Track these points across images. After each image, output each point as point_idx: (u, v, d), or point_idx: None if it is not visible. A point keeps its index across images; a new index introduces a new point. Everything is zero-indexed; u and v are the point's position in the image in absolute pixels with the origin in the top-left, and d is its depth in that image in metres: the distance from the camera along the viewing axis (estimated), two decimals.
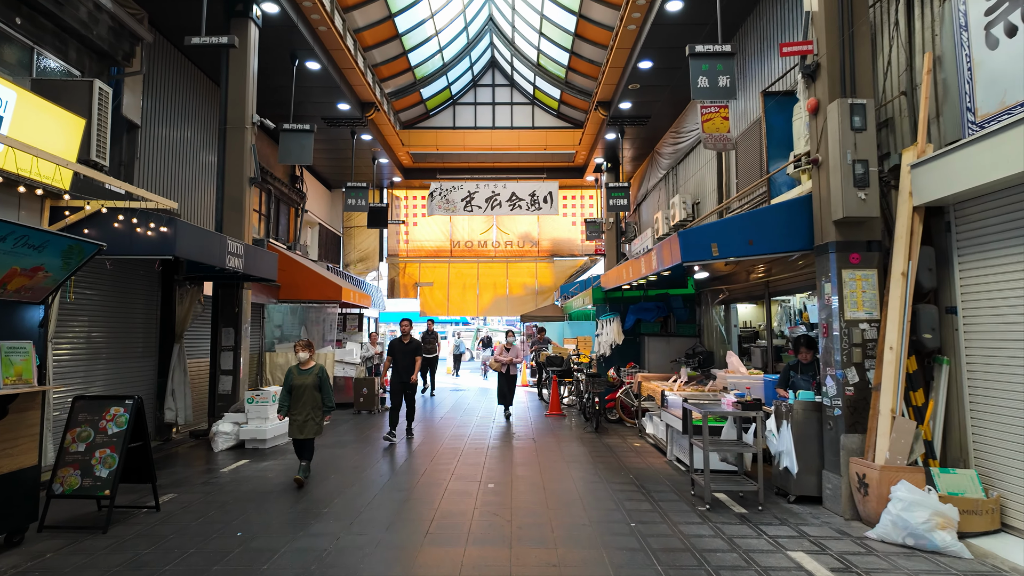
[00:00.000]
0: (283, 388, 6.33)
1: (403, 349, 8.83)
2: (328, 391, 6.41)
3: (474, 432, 9.36)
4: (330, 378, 6.64)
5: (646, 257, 7.40)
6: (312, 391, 6.31)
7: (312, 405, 6.30)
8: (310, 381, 6.33)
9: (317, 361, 6.56)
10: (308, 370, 6.40)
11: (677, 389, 7.55)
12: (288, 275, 12.35)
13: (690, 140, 12.51)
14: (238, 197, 9.13)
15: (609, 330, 10.30)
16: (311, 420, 6.27)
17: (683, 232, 5.95)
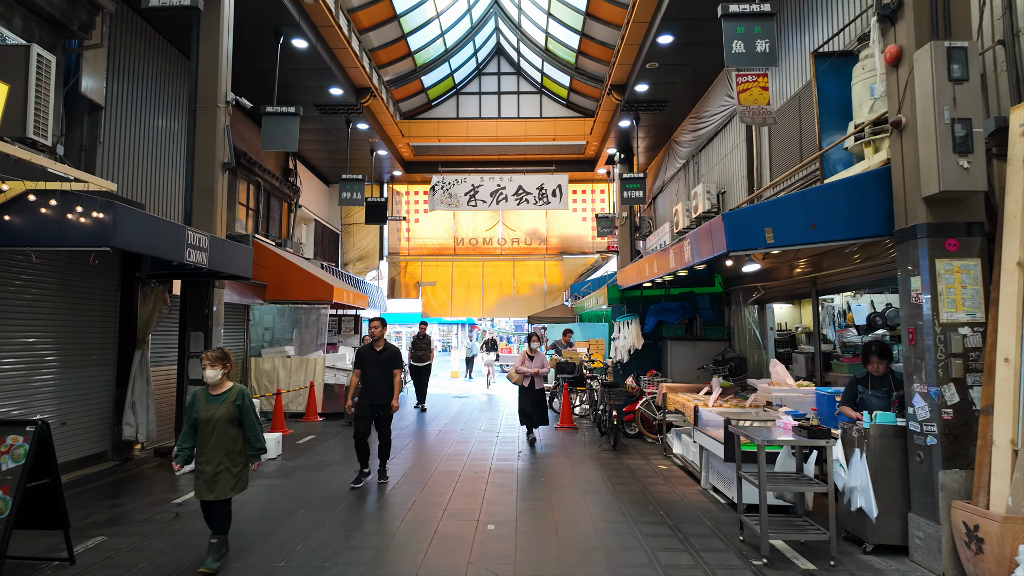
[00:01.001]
0: (186, 423, 4.19)
1: (375, 359, 6.46)
2: (253, 425, 4.23)
3: (475, 451, 8.18)
4: (319, 383, 5.42)
5: (676, 248, 6.20)
6: (226, 427, 4.12)
7: (227, 448, 4.12)
8: (223, 412, 4.12)
9: (237, 383, 4.39)
10: (221, 396, 4.19)
11: (713, 405, 6.34)
12: (276, 274, 11.26)
13: (713, 124, 11.29)
14: (208, 185, 8.02)
15: (627, 333, 9.10)
16: (225, 471, 4.08)
17: (731, 214, 4.75)
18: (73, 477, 6.54)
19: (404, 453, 8.00)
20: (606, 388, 8.52)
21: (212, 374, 4.19)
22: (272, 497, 5.91)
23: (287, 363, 11.10)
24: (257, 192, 13.07)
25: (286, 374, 11.08)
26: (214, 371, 4.19)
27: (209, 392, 4.22)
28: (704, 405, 6.30)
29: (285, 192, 14.29)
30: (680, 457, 7.16)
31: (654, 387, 8.59)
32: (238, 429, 4.20)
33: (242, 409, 4.20)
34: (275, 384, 11.02)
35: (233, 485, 4.14)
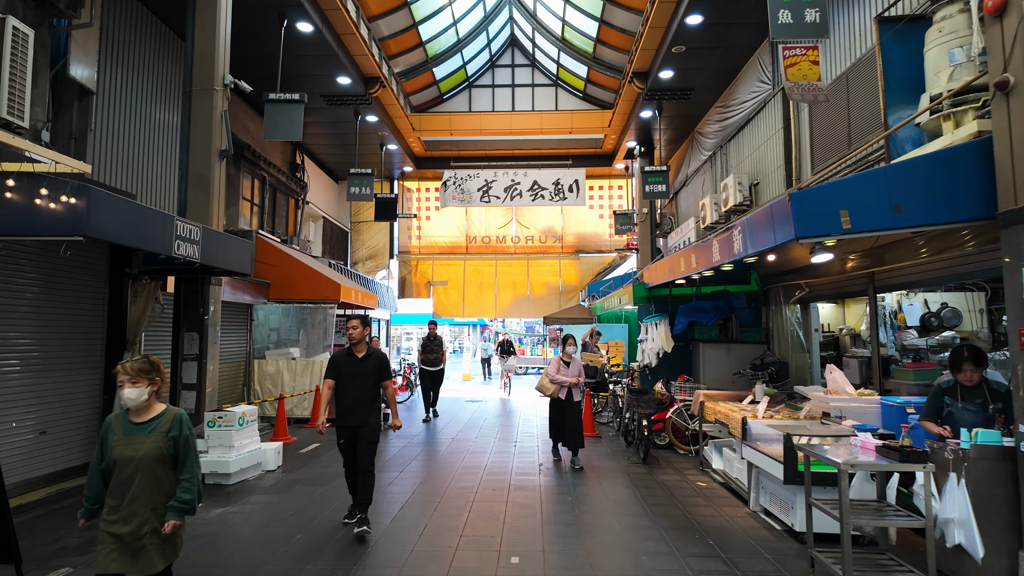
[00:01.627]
0: (93, 462, 2.86)
1: (354, 369, 4.94)
2: (192, 468, 2.87)
3: (492, 463, 7.47)
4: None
5: (722, 239, 5.45)
6: (154, 469, 2.79)
7: (156, 501, 2.80)
8: (149, 449, 2.78)
9: (172, 406, 2.98)
10: (147, 425, 2.83)
11: (763, 416, 5.57)
12: (281, 271, 10.63)
13: (744, 112, 10.52)
14: (204, 174, 7.38)
15: (655, 335, 8.35)
16: (151, 535, 2.78)
17: (800, 194, 3.99)
18: (51, 492, 5.91)
19: (414, 466, 7.30)
20: (633, 395, 7.78)
21: (133, 394, 2.78)
22: (266, 519, 5.24)
23: (292, 365, 10.46)
24: (262, 187, 12.46)
25: (290, 377, 10.43)
26: (135, 389, 2.79)
27: (130, 419, 2.83)
28: (752, 416, 5.55)
29: (292, 188, 13.67)
30: (721, 473, 6.39)
31: (686, 394, 7.84)
32: (172, 471, 2.85)
33: (179, 444, 2.83)
34: (279, 388, 10.38)
35: (164, 552, 2.81)
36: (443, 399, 14.17)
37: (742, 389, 8.03)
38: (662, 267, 7.93)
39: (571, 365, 7.32)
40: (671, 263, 7.30)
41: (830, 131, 7.68)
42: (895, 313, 7.50)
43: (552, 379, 7.29)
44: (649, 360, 8.48)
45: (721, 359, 8.28)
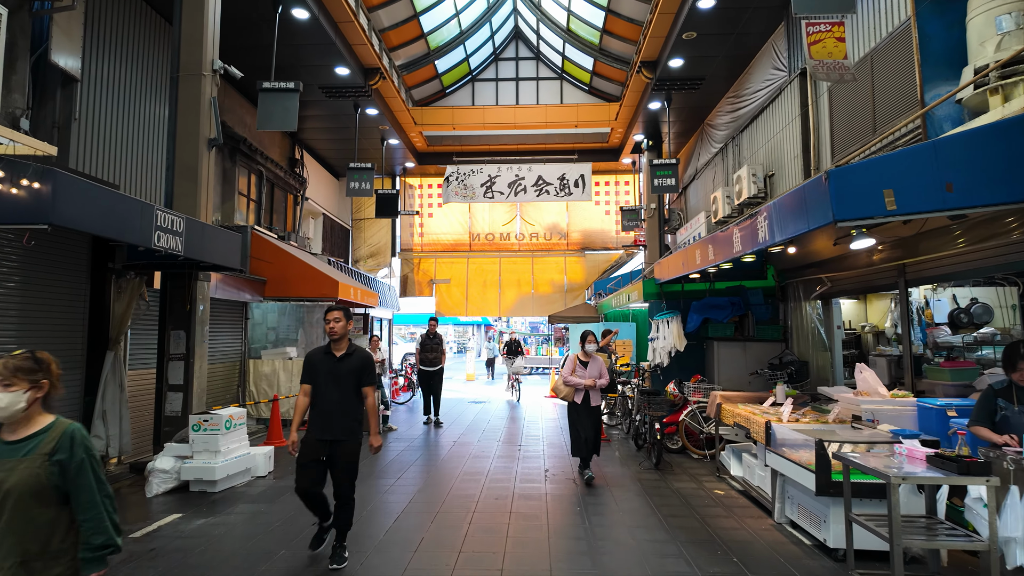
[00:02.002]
0: None
1: (333, 370, 4.09)
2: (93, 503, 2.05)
3: (495, 469, 7.04)
4: None
5: (745, 226, 4.99)
6: (27, 505, 2.00)
7: (28, 547, 2.00)
8: (22, 477, 1.99)
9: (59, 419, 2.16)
10: (22, 445, 2.05)
11: (788, 419, 5.12)
12: (277, 268, 10.23)
13: (758, 101, 10.06)
14: (192, 164, 6.98)
15: (667, 333, 7.89)
16: None
17: (839, 172, 3.54)
18: None
19: (413, 472, 6.87)
20: (645, 396, 7.33)
21: (2, 401, 2.03)
22: (251, 531, 4.82)
23: (288, 366, 10.05)
24: (259, 182, 12.07)
25: (287, 377, 10.03)
26: (6, 395, 2.04)
27: (1, 438, 2.08)
28: (777, 420, 5.09)
29: (290, 183, 13.29)
30: (741, 481, 5.94)
31: (700, 395, 7.39)
32: (55, 509, 2.04)
33: (68, 471, 2.04)
34: (275, 388, 9.98)
35: None
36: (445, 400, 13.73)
37: (759, 390, 7.58)
38: (675, 261, 7.47)
39: (589, 365, 6.38)
40: (685, 256, 6.84)
41: (853, 116, 7.21)
42: (922, 309, 7.04)
43: (566, 380, 6.38)
44: (660, 359, 8.02)
45: (737, 358, 7.82)
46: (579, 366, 6.40)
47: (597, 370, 6.38)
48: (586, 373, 6.35)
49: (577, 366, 6.42)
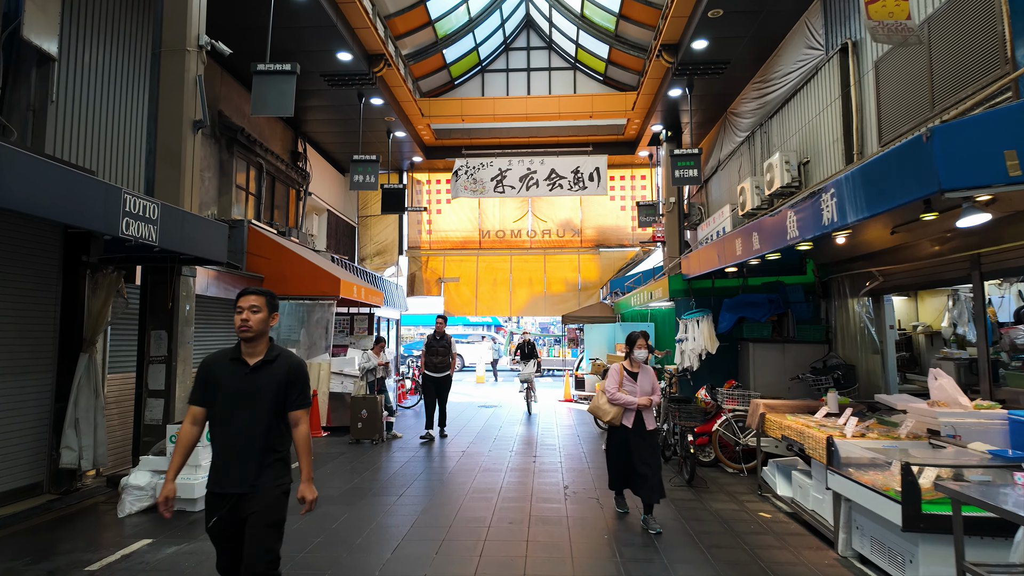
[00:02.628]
0: None
1: (244, 387, 2.73)
2: None
3: (508, 485, 6.32)
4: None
5: (804, 206, 4.22)
6: None
7: None
8: None
9: None
10: None
11: (852, 435, 4.35)
12: (275, 265, 9.59)
13: (789, 84, 9.27)
14: (174, 148, 6.33)
15: (696, 334, 7.13)
16: None
17: (946, 128, 2.79)
18: None
19: (416, 488, 6.16)
20: (674, 404, 6.57)
21: None
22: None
23: None
24: (259, 175, 11.45)
25: None
26: None
27: None
28: (839, 435, 4.32)
29: (292, 177, 12.66)
30: (789, 502, 5.17)
31: (736, 402, 6.62)
32: None
33: None
34: None
35: None
36: (453, 403, 13.02)
37: (800, 396, 6.81)
38: (707, 254, 6.71)
39: (640, 377, 4.97)
40: (721, 247, 6.08)
41: (905, 92, 6.41)
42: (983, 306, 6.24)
43: (612, 398, 4.91)
44: (690, 363, 7.25)
45: (775, 361, 7.04)
46: (627, 379, 4.97)
47: (650, 384, 4.98)
48: (637, 388, 4.92)
49: (624, 379, 4.98)
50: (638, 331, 5.05)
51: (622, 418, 4.94)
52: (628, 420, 4.92)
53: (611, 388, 4.96)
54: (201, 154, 10.15)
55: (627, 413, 4.92)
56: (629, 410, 4.91)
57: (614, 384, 4.96)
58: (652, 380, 5.02)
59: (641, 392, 4.93)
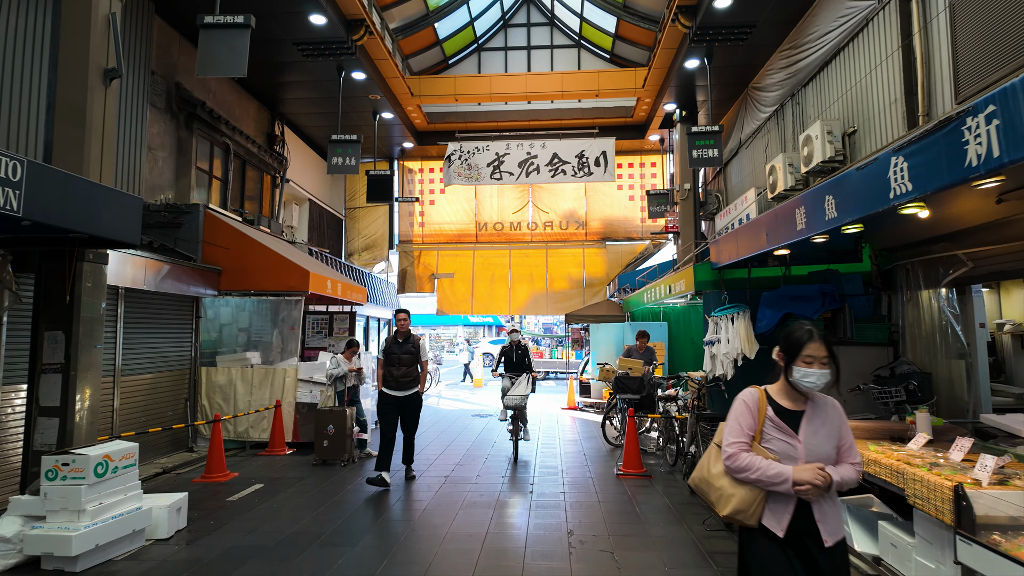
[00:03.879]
0: None
1: None
2: None
3: (497, 525, 4.96)
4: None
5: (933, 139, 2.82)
6: None
7: None
8: None
9: None
10: None
11: (990, 482, 2.95)
12: (236, 256, 8.27)
13: (828, 46, 7.87)
14: (78, 103, 4.99)
15: (731, 334, 5.73)
16: None
17: None
18: None
19: (378, 532, 4.80)
20: (706, 422, 5.18)
21: None
22: None
23: (247, 375, 8.05)
24: (226, 157, 10.11)
25: (246, 389, 8.02)
26: None
27: None
28: (971, 483, 2.93)
29: (267, 162, 11.32)
30: (872, 561, 3.76)
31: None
32: None
33: None
34: (232, 403, 7.98)
35: None
36: (442, 412, 11.69)
37: (861, 412, 5.41)
38: (748, 234, 5.30)
39: (806, 418, 2.25)
40: (771, 222, 4.67)
41: (996, 33, 5.01)
42: None
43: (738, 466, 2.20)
44: (723, 370, 5.85)
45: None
46: (773, 425, 2.24)
47: (835, 435, 2.25)
48: (800, 446, 2.20)
49: (768, 425, 2.24)
50: (805, 325, 2.30)
51: (763, 510, 2.20)
52: (780, 518, 2.18)
53: (736, 442, 2.23)
54: (157, 130, 8.86)
55: (778, 503, 2.19)
56: (780, 497, 2.18)
57: (742, 435, 2.23)
58: (840, 428, 2.27)
59: (809, 455, 2.19)
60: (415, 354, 6.12)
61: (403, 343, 6.15)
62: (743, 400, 2.31)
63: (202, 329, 8.26)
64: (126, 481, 4.31)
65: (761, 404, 2.27)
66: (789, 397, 2.27)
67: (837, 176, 3.57)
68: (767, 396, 2.30)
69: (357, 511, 5.22)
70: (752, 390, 2.34)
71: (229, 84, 10.38)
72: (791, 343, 2.25)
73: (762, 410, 2.26)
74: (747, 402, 2.29)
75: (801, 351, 2.19)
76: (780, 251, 4.82)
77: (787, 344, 2.26)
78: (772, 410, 2.26)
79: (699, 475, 2.43)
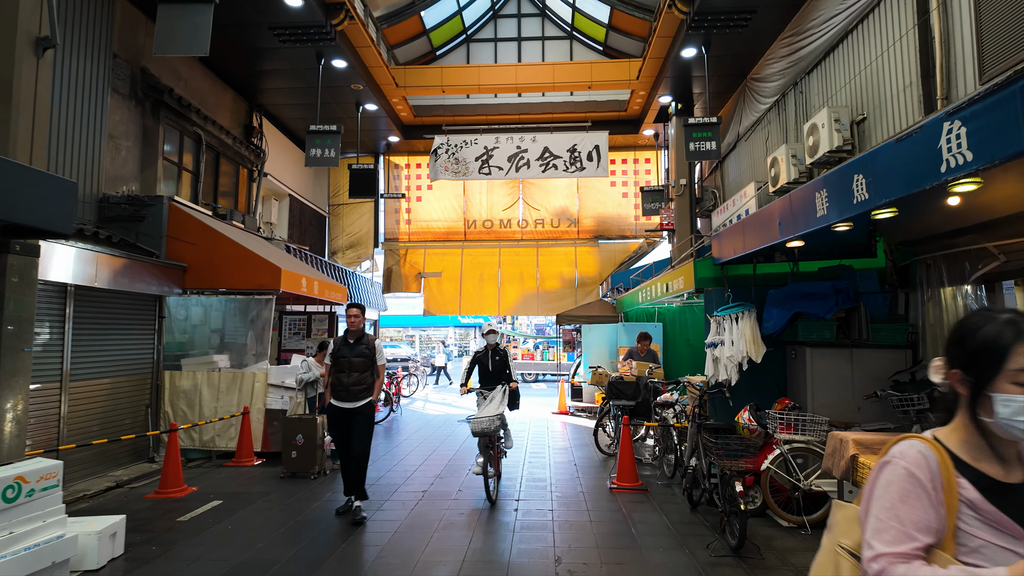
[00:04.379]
0: None
1: None
2: None
3: (475, 556, 4.42)
4: None
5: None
6: None
7: None
8: None
9: None
10: None
11: None
12: (202, 252, 7.69)
13: (834, 30, 7.39)
14: (3, 75, 4.40)
15: (736, 336, 5.21)
16: None
17: None
18: None
19: (340, 560, 4.23)
20: (710, 433, 4.65)
21: None
22: None
23: (214, 379, 7.45)
24: (197, 149, 9.51)
25: (212, 395, 7.42)
26: None
27: None
28: None
29: (243, 155, 10.72)
30: None
31: (789, 429, 4.72)
32: None
33: None
34: (197, 410, 7.38)
35: None
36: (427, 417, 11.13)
37: (874, 419, 4.93)
38: (757, 225, 4.78)
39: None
40: (784, 210, 4.14)
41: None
42: None
43: None
44: (727, 375, 5.32)
45: (840, 373, 5.14)
46: (979, 521, 1.14)
47: None
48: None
49: (967, 519, 1.15)
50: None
51: None
52: None
53: (893, 553, 1.13)
54: (120, 118, 8.25)
55: None
56: None
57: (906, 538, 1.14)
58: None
59: None
60: (369, 357, 5.13)
61: (355, 344, 5.16)
62: (906, 469, 1.18)
63: (166, 330, 7.65)
64: (46, 505, 3.73)
65: (946, 475, 1.17)
66: (993, 454, 1.20)
67: (866, 152, 3.05)
68: (952, 457, 1.20)
69: (321, 533, 4.65)
70: (920, 447, 1.20)
71: (202, 71, 9.78)
72: (986, 346, 1.20)
73: (950, 487, 1.16)
74: (914, 473, 1.17)
75: (1009, 360, 1.16)
76: (793, 243, 4.30)
77: (975, 349, 1.21)
78: (970, 484, 1.17)
79: None
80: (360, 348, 5.15)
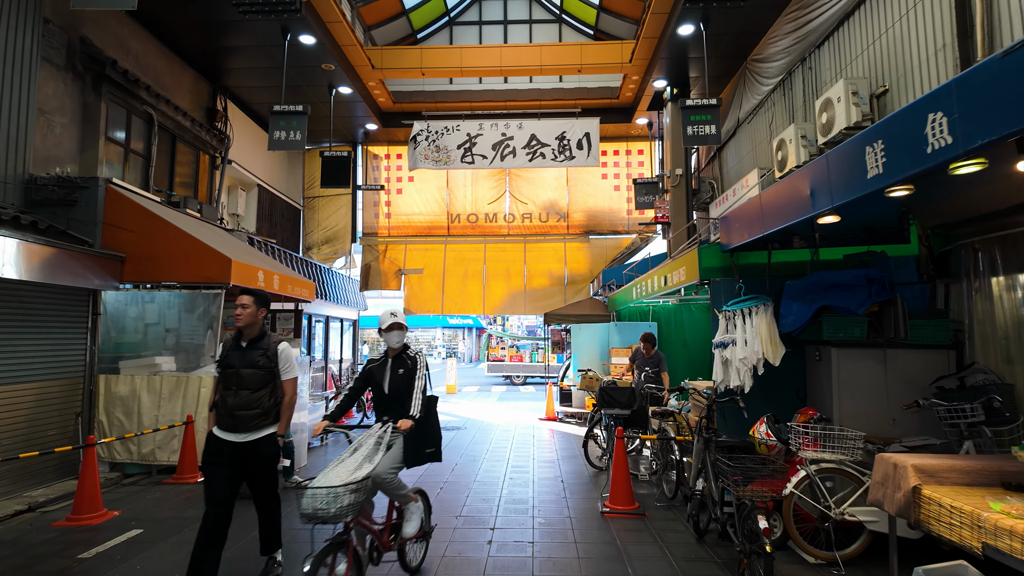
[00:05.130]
0: None
1: None
2: None
3: None
4: None
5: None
6: None
7: None
8: None
9: None
10: None
11: None
12: (143, 241, 6.80)
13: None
14: None
15: (749, 334, 4.40)
16: None
17: None
18: None
19: None
20: (721, 451, 3.83)
21: None
22: None
23: (155, 384, 6.54)
24: (148, 130, 8.59)
25: (152, 401, 6.51)
26: None
27: None
28: None
29: (203, 139, 9.80)
30: None
31: (815, 445, 3.90)
32: None
33: None
34: (135, 418, 6.47)
35: None
36: None
37: (912, 434, 4.14)
38: (780, 198, 3.95)
39: None
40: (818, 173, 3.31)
41: None
42: None
43: None
44: (739, 380, 4.50)
45: (871, 377, 4.33)
46: None
47: None
48: None
49: None
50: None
51: None
52: None
53: None
54: (53, 91, 7.29)
55: None
56: None
57: None
58: None
59: None
60: (268, 369, 3.50)
61: (247, 350, 3.52)
62: None
63: (101, 329, 6.74)
64: None
65: None
66: None
67: (956, 78, 2.23)
68: None
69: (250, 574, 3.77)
70: None
71: (157, 47, 8.87)
72: None
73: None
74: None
75: None
76: (826, 218, 3.47)
77: None
78: None
79: None
80: (255, 355, 3.49)
